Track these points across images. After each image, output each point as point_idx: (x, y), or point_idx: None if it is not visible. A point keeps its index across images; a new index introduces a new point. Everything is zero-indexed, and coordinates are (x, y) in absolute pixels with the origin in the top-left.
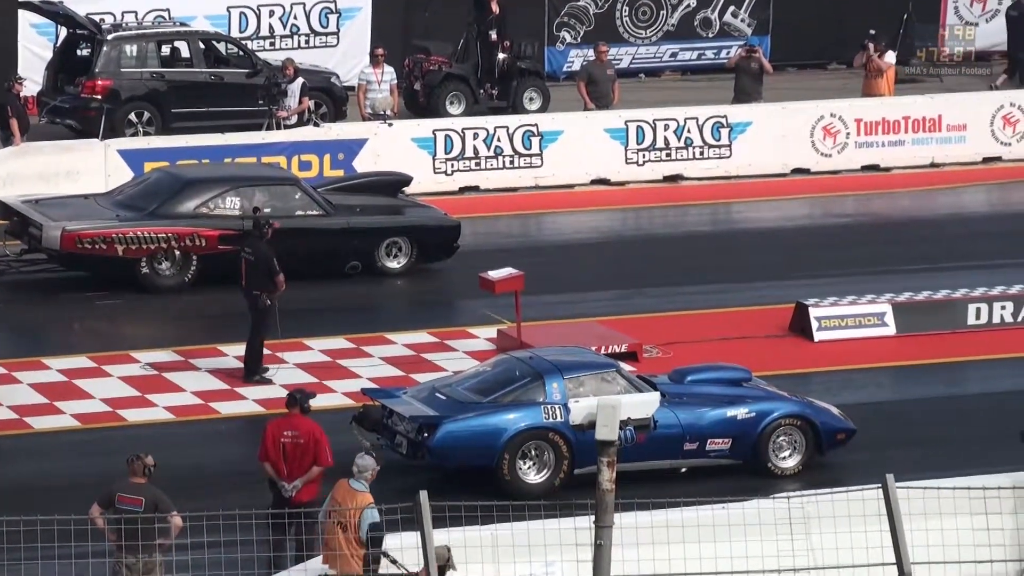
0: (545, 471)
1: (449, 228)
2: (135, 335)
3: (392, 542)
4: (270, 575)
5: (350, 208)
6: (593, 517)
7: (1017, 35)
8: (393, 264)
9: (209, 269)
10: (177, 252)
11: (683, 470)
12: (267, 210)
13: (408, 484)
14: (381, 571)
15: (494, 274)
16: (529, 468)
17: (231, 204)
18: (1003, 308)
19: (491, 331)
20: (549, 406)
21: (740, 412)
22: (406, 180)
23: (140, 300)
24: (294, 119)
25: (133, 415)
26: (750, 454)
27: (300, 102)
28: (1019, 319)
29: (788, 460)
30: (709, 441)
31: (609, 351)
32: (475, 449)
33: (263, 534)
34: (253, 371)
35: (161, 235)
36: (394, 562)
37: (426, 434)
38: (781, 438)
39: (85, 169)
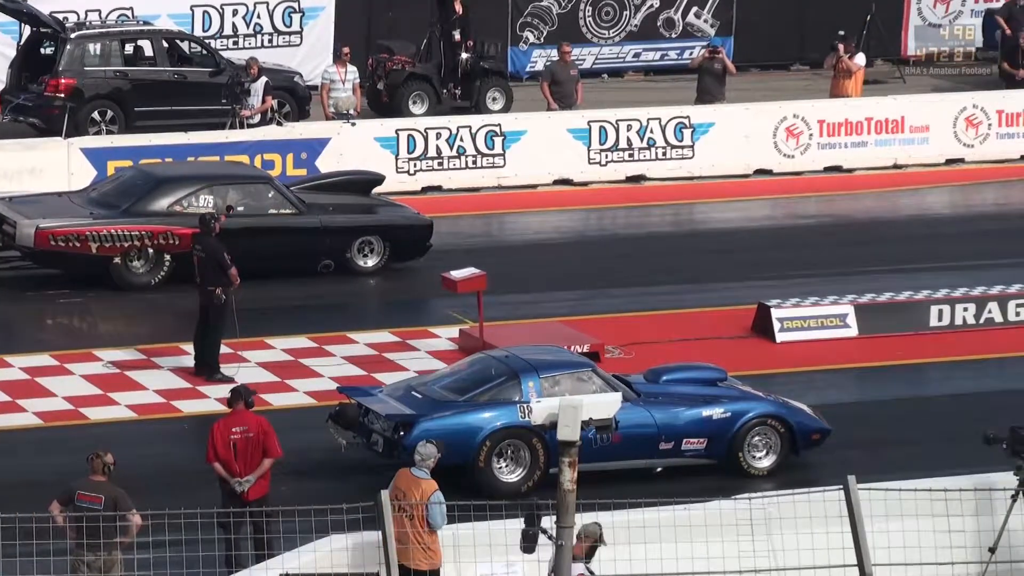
0: (521, 470)
1: (422, 227)
2: (100, 333)
3: (353, 540)
4: (229, 573)
5: (323, 207)
6: (554, 517)
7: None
8: (366, 263)
9: (182, 267)
10: (151, 250)
11: (658, 469)
12: (240, 208)
13: (374, 482)
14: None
15: (456, 274)
16: (505, 467)
17: (204, 202)
18: (965, 310)
19: (453, 331)
20: (525, 405)
21: (716, 412)
22: (378, 179)
23: (106, 298)
24: (257, 118)
25: (95, 413)
26: (725, 454)
27: (263, 101)
28: (981, 321)
29: (763, 460)
30: (684, 441)
31: (571, 351)
32: (451, 447)
33: (221, 533)
34: (213, 369)
35: (135, 233)
36: (551, 538)
37: (402, 432)
38: (756, 438)
39: (48, 167)
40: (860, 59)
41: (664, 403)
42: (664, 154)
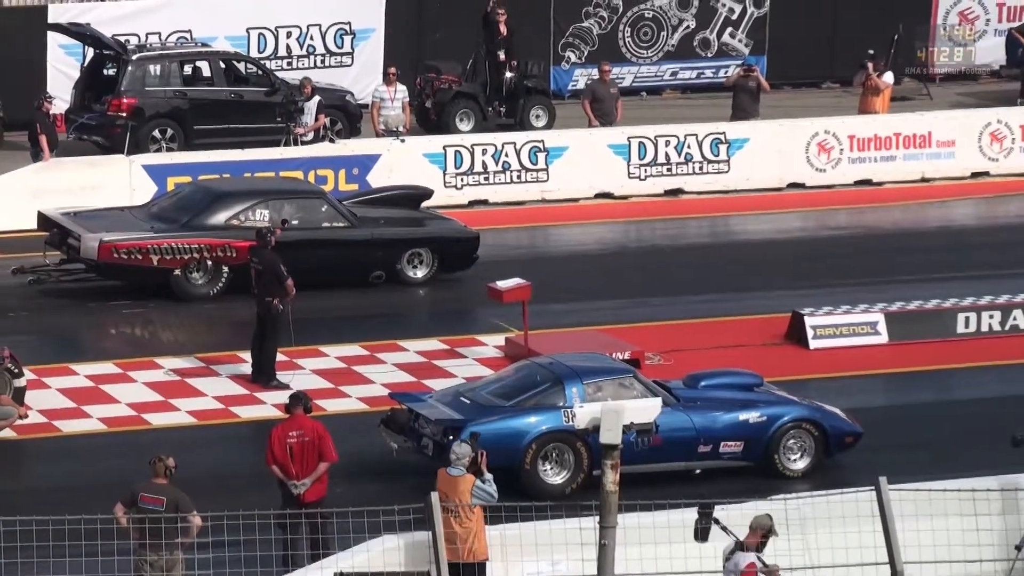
0: (565, 472)
1: (469, 240)
2: (161, 342)
3: (404, 540)
4: (286, 573)
5: (374, 220)
6: (598, 517)
7: None
8: (415, 274)
9: (240, 279)
10: (209, 262)
11: (697, 471)
12: (295, 222)
13: (424, 484)
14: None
15: (502, 284)
16: (550, 469)
17: (260, 217)
18: (991, 317)
19: (499, 339)
20: (569, 410)
21: (752, 416)
22: (427, 193)
23: (167, 308)
24: (311, 135)
25: (156, 419)
26: (762, 456)
27: (316, 119)
28: (1006, 327)
29: (798, 462)
30: (722, 444)
31: (612, 358)
32: (498, 451)
33: (279, 534)
34: (270, 376)
35: (194, 246)
36: (724, 528)
37: (451, 436)
38: (791, 441)
39: (110, 184)
40: (888, 77)
41: (702, 408)
42: (701, 169)
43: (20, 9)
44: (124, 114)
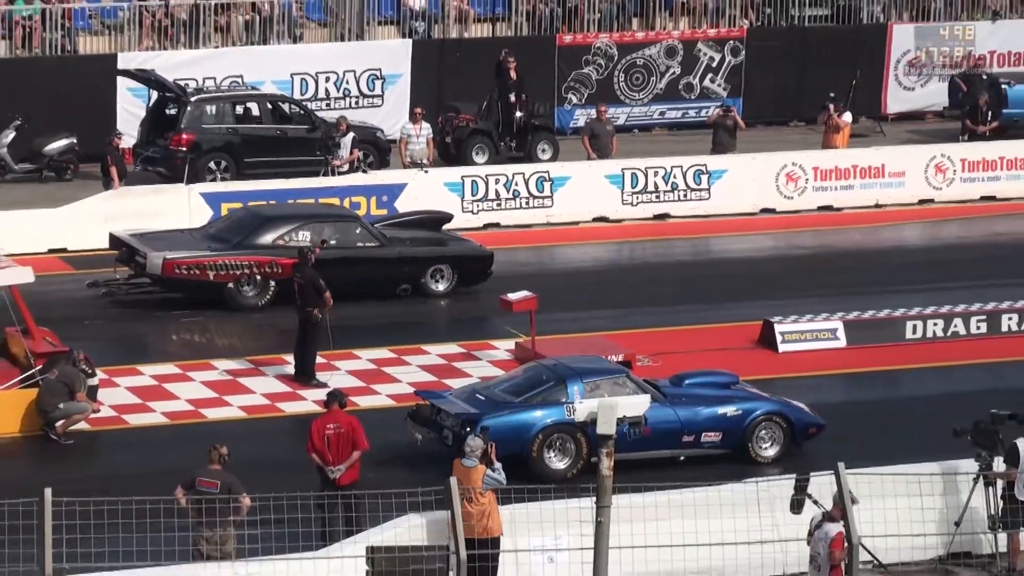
0: (567, 459)
1: (484, 257)
2: (216, 346)
3: (427, 518)
4: (323, 546)
5: (402, 240)
6: (594, 498)
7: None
8: (437, 287)
9: (284, 291)
10: (258, 277)
11: (681, 459)
12: (333, 242)
13: (444, 471)
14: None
15: (512, 296)
16: (554, 456)
17: (302, 237)
18: (935, 324)
19: (510, 344)
20: (571, 405)
21: (729, 410)
22: (447, 217)
23: (220, 317)
24: (346, 167)
25: (211, 413)
26: (737, 445)
27: (351, 153)
28: (948, 333)
29: (768, 450)
30: (703, 434)
31: (608, 360)
32: (509, 441)
33: (318, 513)
34: (310, 376)
35: (245, 263)
36: (815, 503)
37: (468, 428)
38: (763, 432)
39: (172, 209)
40: (847, 117)
41: (686, 403)
42: (685, 196)
43: (94, 57)
44: (184, 148)
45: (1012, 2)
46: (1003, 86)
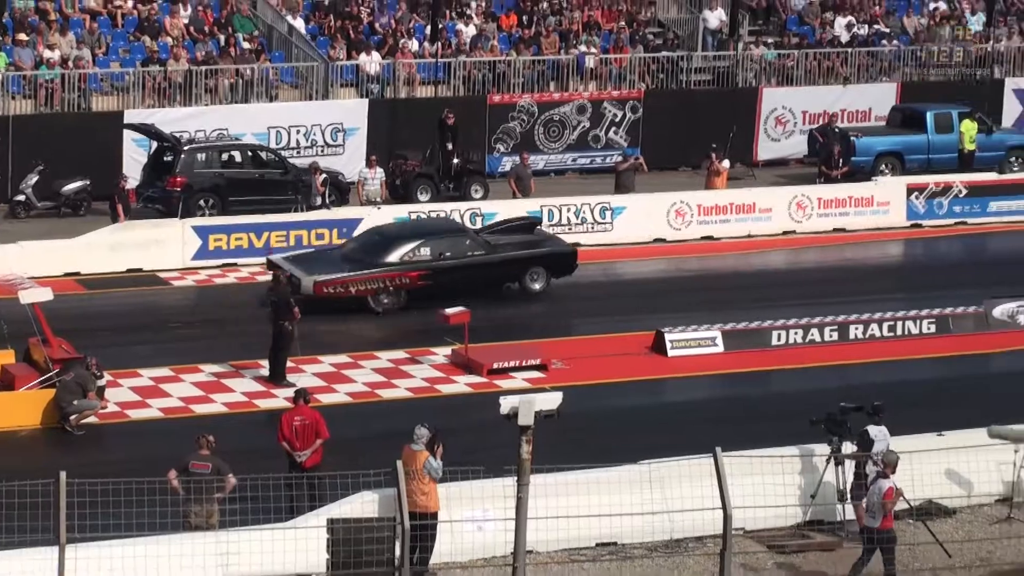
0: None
1: (570, 254)
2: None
3: (378, 495)
4: (291, 519)
5: (504, 246)
6: (516, 478)
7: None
8: (535, 285)
9: (414, 298)
10: (391, 288)
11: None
12: (448, 253)
13: (392, 455)
14: None
15: (449, 311)
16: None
17: (424, 252)
18: (796, 333)
19: (447, 350)
20: None
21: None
22: (538, 221)
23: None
24: (318, 200)
25: (200, 408)
26: None
27: (319, 192)
28: (806, 340)
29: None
30: None
31: (526, 363)
32: None
33: (287, 491)
34: (282, 378)
35: (380, 279)
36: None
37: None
38: None
39: (168, 240)
40: (726, 163)
41: None
42: (592, 228)
43: (104, 113)
44: (178, 189)
45: (859, 71)
46: (852, 138)
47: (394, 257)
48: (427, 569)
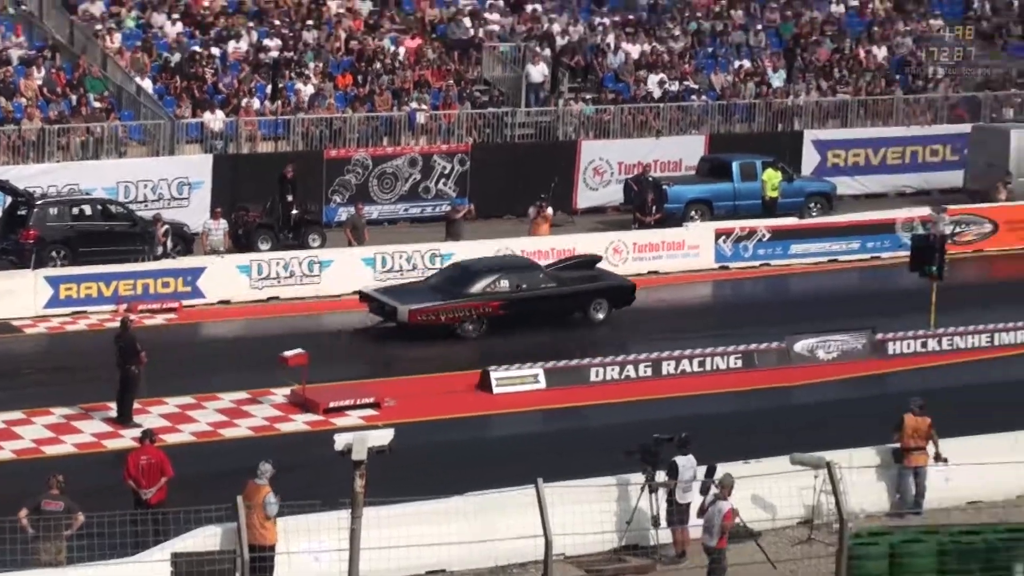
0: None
1: (629, 288)
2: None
3: (221, 528)
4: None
5: (571, 280)
6: (350, 510)
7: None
8: (598, 315)
9: (495, 324)
10: (475, 316)
11: None
12: (524, 286)
13: (234, 490)
14: None
15: (287, 353)
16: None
17: (503, 284)
18: (613, 370)
19: (287, 390)
20: None
21: None
22: (598, 259)
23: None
24: (160, 250)
25: (50, 450)
26: None
27: (162, 242)
28: (623, 376)
29: None
30: None
31: (360, 402)
32: None
33: (133, 527)
34: (129, 418)
35: (465, 308)
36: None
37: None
38: None
39: (21, 290)
40: (549, 211)
41: None
42: (423, 273)
43: None
44: (31, 241)
45: (670, 124)
46: (664, 187)
47: (477, 288)
48: None
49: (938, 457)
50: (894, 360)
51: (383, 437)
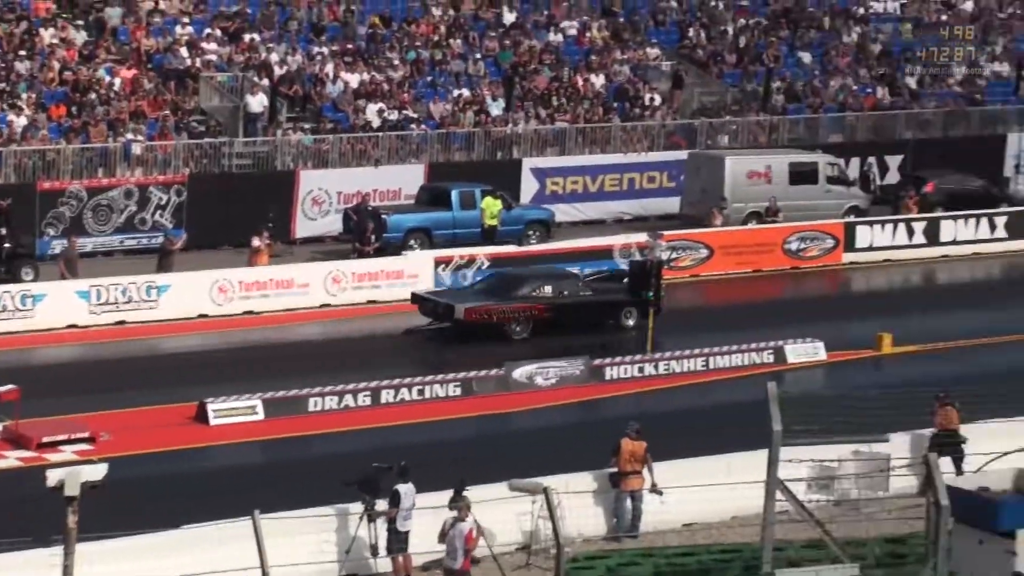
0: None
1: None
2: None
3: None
4: None
5: (604, 290)
6: (63, 547)
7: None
8: (628, 323)
9: (539, 325)
10: (523, 318)
11: None
12: (565, 292)
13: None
14: None
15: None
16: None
17: (547, 290)
18: (332, 400)
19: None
20: None
21: None
22: (626, 273)
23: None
24: None
25: None
26: None
27: None
28: (341, 406)
29: None
30: None
31: (74, 437)
32: None
33: None
34: None
35: (514, 309)
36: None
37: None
38: None
39: None
40: (267, 239)
41: None
42: (139, 305)
43: None
44: None
45: (389, 153)
46: (383, 216)
47: (524, 291)
48: None
49: (653, 488)
50: (611, 385)
51: (97, 472)
